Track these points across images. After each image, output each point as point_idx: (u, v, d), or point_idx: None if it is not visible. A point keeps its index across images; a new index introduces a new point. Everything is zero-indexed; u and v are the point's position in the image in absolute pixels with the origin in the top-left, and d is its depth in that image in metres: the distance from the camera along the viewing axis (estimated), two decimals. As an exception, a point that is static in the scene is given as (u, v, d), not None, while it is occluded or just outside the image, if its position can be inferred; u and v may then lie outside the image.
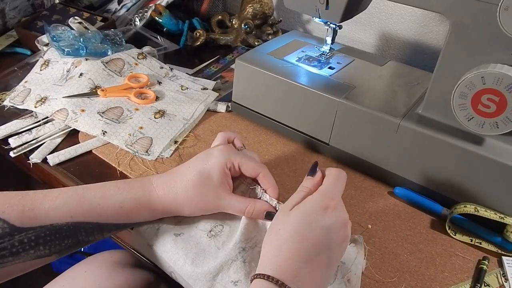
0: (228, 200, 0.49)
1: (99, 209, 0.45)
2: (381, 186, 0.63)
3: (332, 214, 0.41)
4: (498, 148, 0.53)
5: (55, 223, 0.42)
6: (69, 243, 0.43)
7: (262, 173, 0.51)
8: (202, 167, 0.48)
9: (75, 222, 0.43)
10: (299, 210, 0.42)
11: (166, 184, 0.49)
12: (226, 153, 0.49)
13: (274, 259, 0.39)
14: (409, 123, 0.57)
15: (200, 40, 0.97)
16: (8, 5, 0.94)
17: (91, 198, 0.45)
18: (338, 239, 0.41)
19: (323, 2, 0.61)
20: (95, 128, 0.67)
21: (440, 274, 0.51)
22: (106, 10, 1.04)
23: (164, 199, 0.48)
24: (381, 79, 0.68)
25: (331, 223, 0.41)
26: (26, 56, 0.90)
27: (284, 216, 0.42)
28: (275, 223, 0.43)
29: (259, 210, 0.49)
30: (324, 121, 0.64)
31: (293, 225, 0.40)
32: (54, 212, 0.43)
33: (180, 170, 0.50)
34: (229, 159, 0.49)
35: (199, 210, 0.49)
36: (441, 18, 0.88)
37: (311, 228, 0.40)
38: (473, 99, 0.51)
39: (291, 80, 0.65)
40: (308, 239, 0.40)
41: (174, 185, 0.48)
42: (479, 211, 0.53)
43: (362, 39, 1.02)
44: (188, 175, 0.48)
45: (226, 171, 0.49)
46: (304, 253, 0.39)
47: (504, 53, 0.49)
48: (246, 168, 0.50)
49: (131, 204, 0.47)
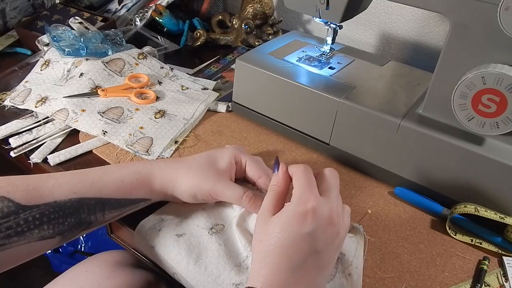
0: (226, 184, 0.49)
1: (100, 184, 0.46)
2: (381, 186, 0.63)
3: (313, 218, 0.39)
4: (498, 148, 0.53)
5: (59, 199, 0.43)
6: (72, 221, 0.44)
7: (262, 178, 0.52)
8: (212, 153, 0.52)
9: (77, 198, 0.44)
10: (279, 220, 0.40)
11: (171, 160, 0.52)
12: (237, 148, 0.54)
13: (261, 272, 0.39)
14: (409, 123, 0.57)
15: (201, 40, 0.97)
16: (8, 5, 0.94)
17: (92, 175, 0.47)
18: (326, 239, 0.40)
19: (324, 2, 0.61)
20: (96, 128, 0.67)
21: (441, 274, 0.51)
22: (107, 10, 1.05)
23: (165, 171, 0.50)
24: (381, 79, 0.68)
25: (312, 228, 0.39)
26: (26, 56, 0.90)
27: (264, 226, 0.42)
28: (257, 233, 0.43)
29: (257, 200, 0.48)
30: (324, 121, 0.64)
31: (274, 236, 0.39)
32: (57, 189, 0.44)
33: (189, 156, 0.53)
34: (238, 154, 0.52)
35: (194, 187, 0.49)
36: (441, 18, 0.88)
37: (292, 238, 0.39)
38: (473, 99, 0.51)
39: (292, 80, 0.65)
40: (292, 248, 0.39)
41: (180, 161, 0.51)
42: (479, 211, 0.53)
43: (362, 39, 1.02)
44: (195, 156, 0.52)
45: (232, 163, 0.51)
46: (289, 263, 0.39)
47: (504, 53, 0.49)
48: (250, 168, 0.53)
49: (131, 178, 0.48)
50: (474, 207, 0.54)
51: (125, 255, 0.68)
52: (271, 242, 0.39)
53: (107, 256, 0.68)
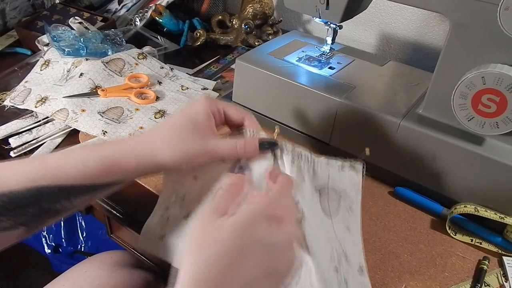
0: (215, 141, 0.44)
1: (61, 170, 0.41)
2: (381, 186, 0.63)
3: (278, 228, 0.34)
4: (498, 148, 0.53)
5: (14, 189, 0.39)
6: (32, 211, 0.41)
7: (247, 117, 0.47)
8: (187, 113, 0.45)
9: (35, 186, 0.40)
10: (235, 220, 0.34)
11: (144, 134, 0.45)
12: (209, 99, 0.47)
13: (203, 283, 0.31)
14: (409, 123, 0.57)
15: (200, 40, 0.97)
16: (8, 5, 0.94)
17: (52, 160, 0.42)
18: (283, 263, 0.35)
19: (324, 2, 0.61)
20: (96, 128, 0.67)
21: (441, 274, 0.51)
22: (107, 10, 1.04)
23: (139, 149, 0.43)
24: (381, 79, 0.68)
25: (276, 240, 0.34)
26: (26, 56, 0.90)
27: (211, 226, 0.34)
28: (198, 234, 0.35)
29: (251, 143, 0.44)
30: (324, 121, 0.64)
31: (226, 241, 0.33)
32: (11, 178, 0.40)
33: (161, 122, 0.47)
34: (213, 104, 0.46)
35: (182, 156, 0.44)
36: (441, 18, 0.88)
37: (249, 245, 0.33)
38: (473, 99, 0.51)
39: (292, 80, 0.65)
40: (247, 259, 0.32)
41: (154, 133, 0.45)
42: (479, 211, 0.53)
43: (362, 39, 1.02)
44: (170, 121, 0.45)
45: (211, 116, 0.46)
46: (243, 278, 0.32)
47: (504, 53, 0.49)
48: (231, 113, 0.47)
49: (96, 162, 0.42)
50: (474, 207, 0.54)
51: (125, 255, 0.68)
52: (219, 249, 0.33)
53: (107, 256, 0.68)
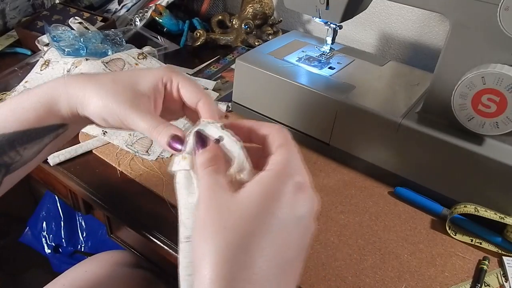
0: (140, 113, 0.38)
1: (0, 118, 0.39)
2: (381, 186, 0.63)
3: (307, 197, 0.29)
4: (498, 148, 0.53)
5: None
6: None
7: (202, 100, 0.40)
8: (136, 72, 0.41)
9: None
10: (258, 191, 0.28)
11: (83, 75, 0.42)
12: (168, 69, 0.41)
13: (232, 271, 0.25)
14: (409, 123, 0.57)
15: (200, 40, 0.97)
16: (8, 5, 0.94)
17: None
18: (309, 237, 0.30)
19: (324, 2, 0.61)
20: (96, 128, 0.67)
21: (441, 274, 0.51)
22: (106, 10, 1.05)
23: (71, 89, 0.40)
24: (381, 79, 0.68)
25: (305, 210, 0.29)
26: (26, 56, 0.90)
27: (223, 201, 0.28)
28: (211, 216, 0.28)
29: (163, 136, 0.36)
30: (324, 121, 0.64)
31: (251, 217, 0.27)
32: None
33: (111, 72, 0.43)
34: (168, 75, 0.41)
35: (104, 110, 0.39)
36: (441, 18, 0.88)
37: (280, 220, 0.27)
38: (473, 99, 0.51)
39: (291, 80, 0.65)
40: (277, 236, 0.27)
41: (92, 77, 0.41)
42: (479, 211, 0.53)
43: (362, 39, 1.02)
44: (115, 73, 0.42)
45: (159, 87, 0.40)
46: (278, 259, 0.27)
47: (504, 53, 0.49)
48: (185, 91, 0.41)
49: (33, 103, 0.40)
50: (474, 207, 0.54)
51: (125, 255, 0.68)
52: (246, 227, 0.26)
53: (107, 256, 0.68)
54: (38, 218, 1.26)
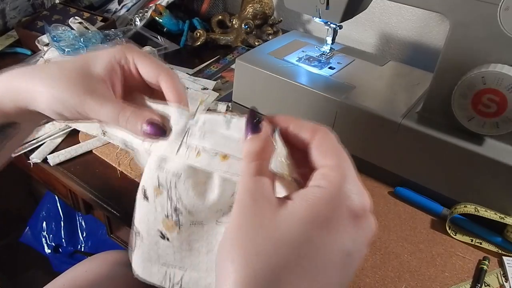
0: (99, 99, 0.34)
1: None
2: (381, 186, 0.63)
3: (365, 226, 0.25)
4: (498, 148, 0.53)
5: None
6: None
7: (162, 75, 0.36)
8: (86, 55, 0.37)
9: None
10: (304, 213, 0.23)
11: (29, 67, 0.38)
12: (122, 48, 0.37)
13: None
14: (409, 123, 0.57)
15: (200, 40, 0.97)
16: (8, 5, 0.94)
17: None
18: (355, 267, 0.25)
19: (324, 2, 0.61)
20: (95, 128, 0.67)
21: (441, 274, 0.51)
22: (107, 10, 1.05)
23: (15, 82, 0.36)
24: (381, 79, 0.68)
25: (360, 243, 0.25)
26: (26, 56, 0.90)
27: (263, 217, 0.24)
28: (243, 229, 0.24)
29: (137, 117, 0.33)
30: (324, 121, 0.64)
31: (291, 246, 0.22)
32: None
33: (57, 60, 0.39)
34: (122, 53, 0.36)
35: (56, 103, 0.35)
36: (441, 18, 0.88)
37: (326, 256, 0.23)
38: (473, 99, 0.51)
39: (292, 80, 0.65)
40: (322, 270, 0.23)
41: (38, 68, 0.37)
42: (479, 211, 0.53)
43: (362, 39, 1.02)
44: (63, 60, 0.37)
45: (115, 67, 0.36)
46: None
47: (504, 53, 0.49)
48: (143, 66, 0.37)
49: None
50: (474, 207, 0.54)
51: (125, 255, 0.68)
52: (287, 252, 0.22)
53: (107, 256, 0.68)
54: (38, 218, 1.26)
